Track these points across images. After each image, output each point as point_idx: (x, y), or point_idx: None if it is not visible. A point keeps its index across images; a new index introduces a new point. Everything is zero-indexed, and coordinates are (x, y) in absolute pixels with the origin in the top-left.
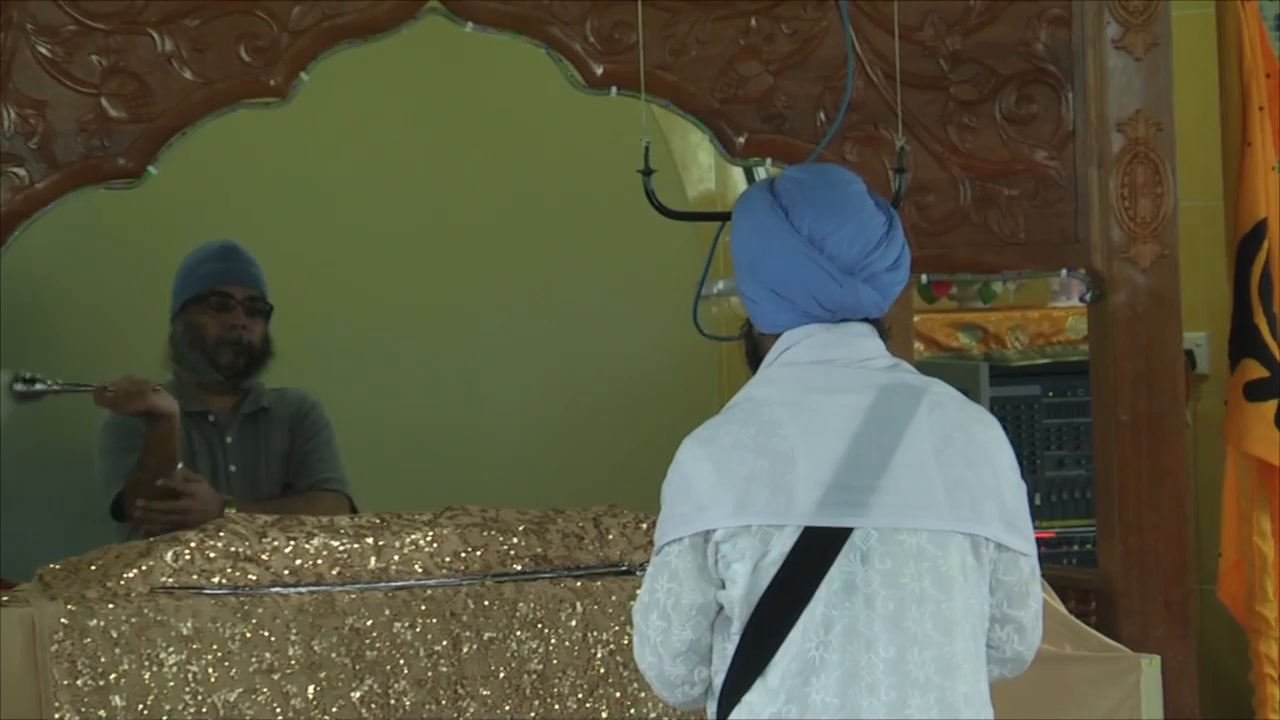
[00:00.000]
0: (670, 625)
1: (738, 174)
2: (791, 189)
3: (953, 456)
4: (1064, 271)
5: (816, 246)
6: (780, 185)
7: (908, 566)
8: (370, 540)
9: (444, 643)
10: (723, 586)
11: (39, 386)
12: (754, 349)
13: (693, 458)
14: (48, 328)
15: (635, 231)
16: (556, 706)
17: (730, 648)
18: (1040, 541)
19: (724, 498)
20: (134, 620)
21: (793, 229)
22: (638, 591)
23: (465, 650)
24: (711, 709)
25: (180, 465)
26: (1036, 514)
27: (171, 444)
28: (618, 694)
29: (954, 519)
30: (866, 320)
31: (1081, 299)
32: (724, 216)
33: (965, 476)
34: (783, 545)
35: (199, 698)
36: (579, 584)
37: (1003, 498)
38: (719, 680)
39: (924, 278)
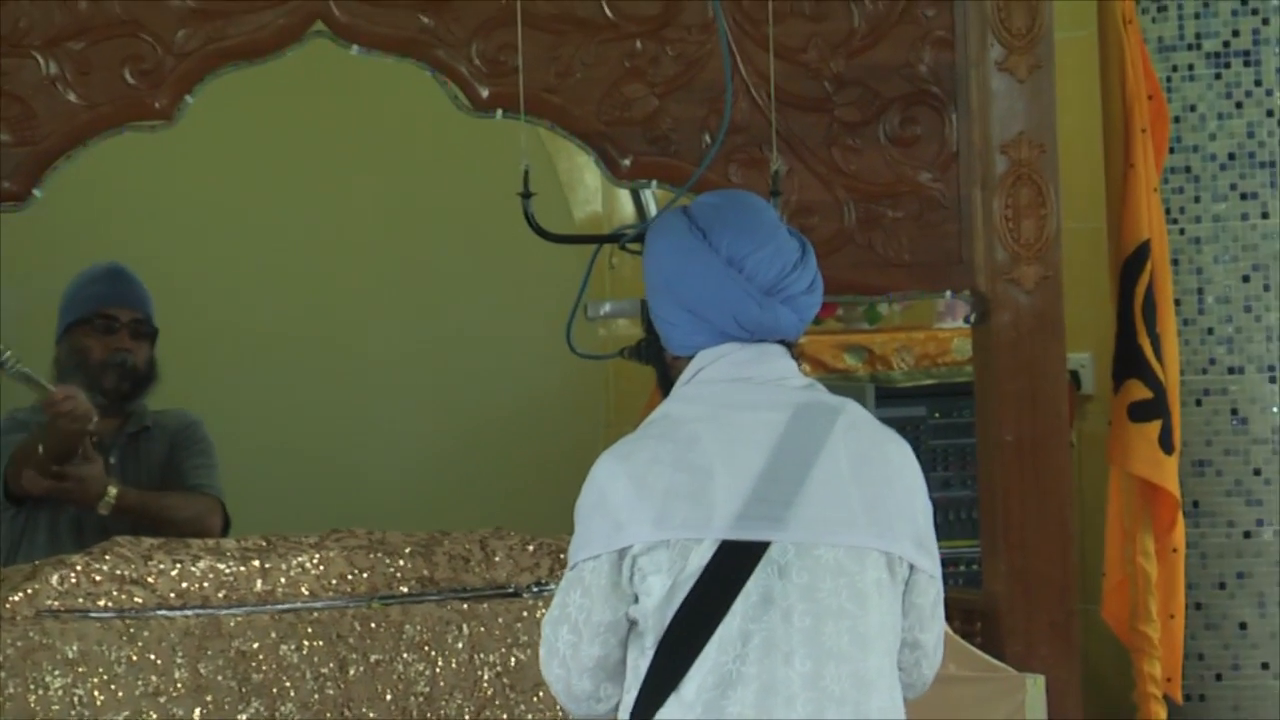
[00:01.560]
0: (580, 640)
1: (624, 196)
2: (708, 212)
3: (869, 474)
4: (949, 293)
5: (735, 266)
6: (696, 209)
7: (825, 581)
8: (256, 563)
9: (331, 665)
10: (635, 601)
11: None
12: (665, 372)
13: (609, 474)
14: None
15: (521, 254)
16: None
17: (644, 663)
18: None
19: (642, 513)
20: (19, 644)
21: (711, 249)
22: (523, 614)
23: (352, 672)
24: None
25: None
26: None
27: (80, 443)
28: (504, 716)
29: (871, 535)
30: (781, 342)
31: (966, 320)
32: (601, 239)
33: (881, 494)
34: (700, 559)
35: None
36: (466, 606)
37: (915, 518)
38: (630, 697)
39: None
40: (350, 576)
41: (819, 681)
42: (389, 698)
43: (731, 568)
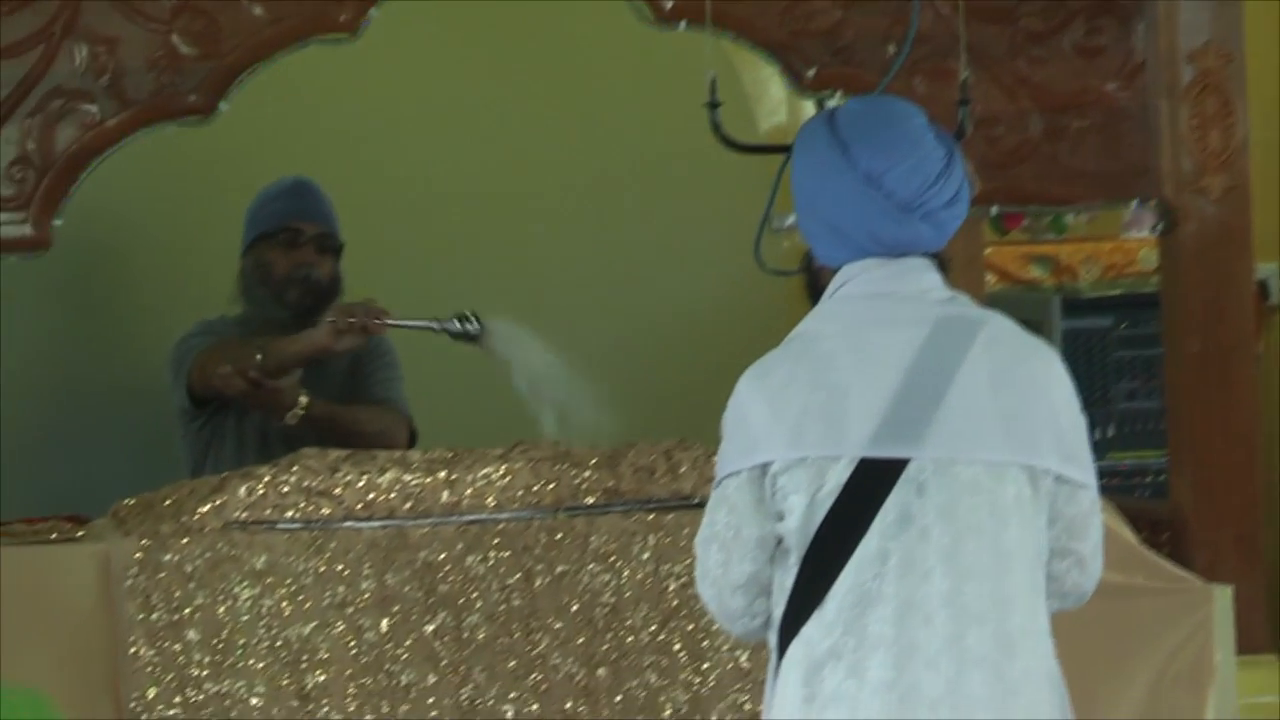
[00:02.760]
0: (729, 558)
1: (809, 107)
2: (851, 124)
3: (1009, 389)
4: (1134, 203)
5: (873, 183)
6: (840, 119)
7: (964, 498)
8: (442, 474)
9: (516, 576)
10: (780, 519)
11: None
12: (814, 281)
13: (749, 391)
14: (119, 266)
15: (707, 164)
16: (629, 639)
17: (789, 580)
18: (1113, 473)
19: (778, 431)
20: (208, 555)
21: (850, 165)
22: None
23: (538, 583)
24: (772, 641)
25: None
26: (1111, 445)
27: (299, 365)
28: (690, 626)
29: (1010, 451)
30: (928, 254)
31: (1152, 230)
32: (787, 149)
33: (1022, 409)
34: (838, 477)
35: (273, 632)
36: (651, 517)
37: (1061, 430)
38: (778, 613)
39: (995, 210)
40: (536, 488)
41: (958, 599)
42: (574, 609)
43: (869, 486)
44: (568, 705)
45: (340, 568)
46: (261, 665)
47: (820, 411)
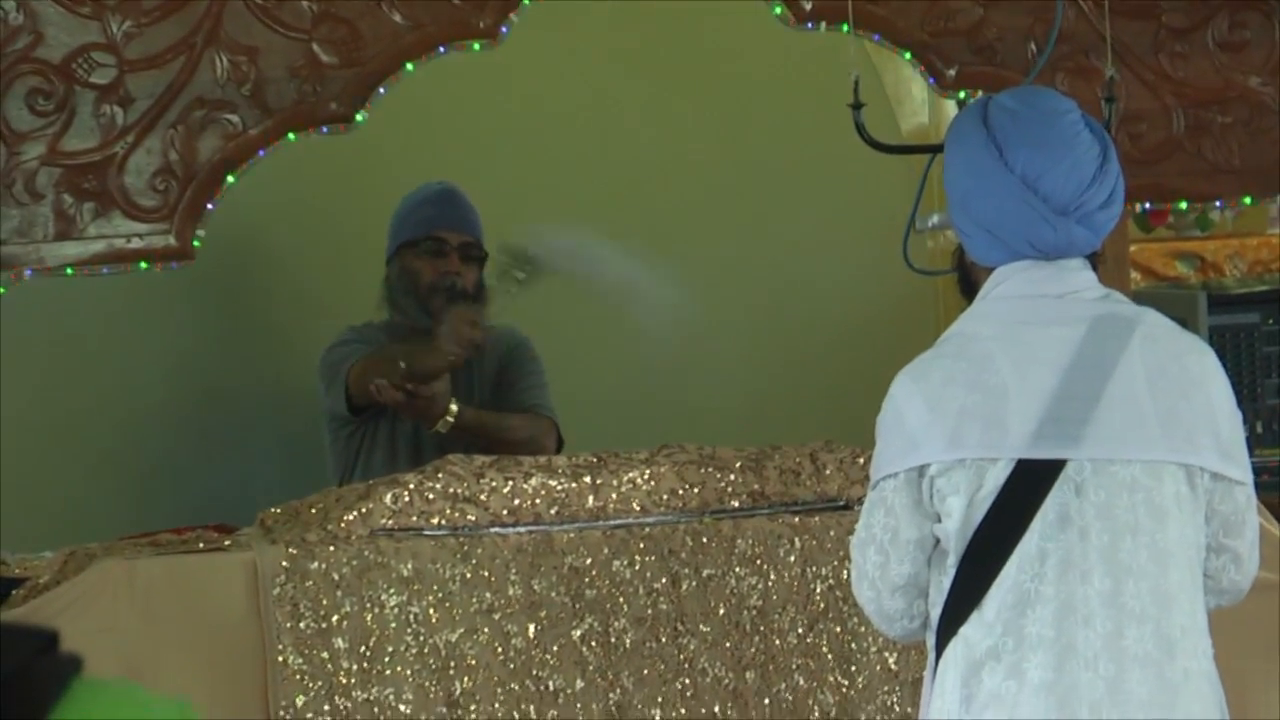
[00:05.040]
0: (888, 560)
1: (951, 107)
2: (1005, 122)
3: (1166, 387)
4: None
5: (1030, 187)
6: (994, 117)
7: (1121, 498)
8: (588, 479)
9: (663, 580)
10: (938, 520)
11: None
12: (968, 278)
13: (906, 393)
14: (265, 274)
15: (849, 165)
16: (777, 641)
17: (946, 581)
18: (1264, 470)
19: (937, 432)
20: (354, 563)
21: (1006, 168)
22: (855, 526)
23: (684, 587)
24: (930, 641)
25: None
26: (1259, 442)
27: (448, 368)
28: (838, 629)
29: (1168, 450)
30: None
31: None
32: (932, 149)
33: (1179, 407)
34: (997, 478)
35: (420, 639)
36: (797, 520)
37: (1218, 427)
38: (936, 614)
39: (1140, 207)
40: (681, 492)
41: (1118, 599)
42: (721, 612)
43: (1028, 487)
44: (716, 709)
45: (486, 574)
46: (409, 672)
47: (979, 412)
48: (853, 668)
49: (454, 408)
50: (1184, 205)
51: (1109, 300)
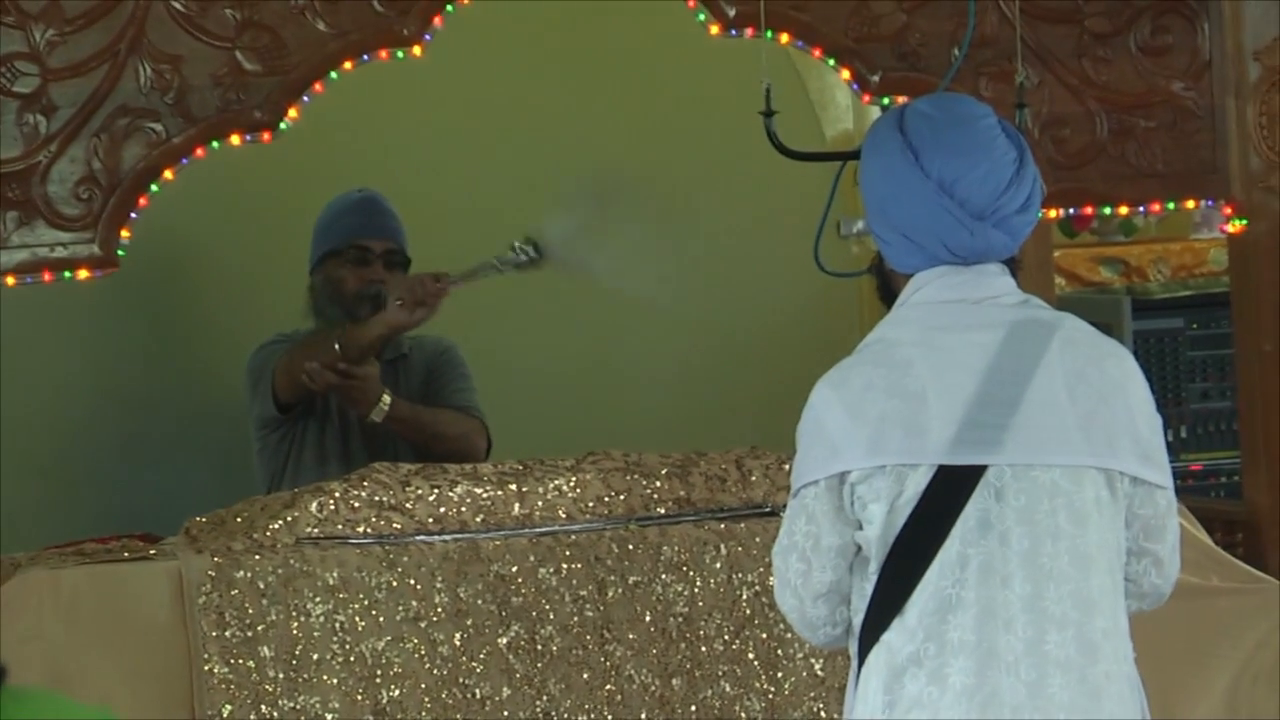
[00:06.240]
0: (810, 568)
1: (875, 113)
2: (921, 127)
3: (1086, 392)
4: (1204, 202)
5: (946, 192)
6: (910, 123)
7: (1042, 503)
8: (513, 487)
9: (589, 587)
10: (860, 527)
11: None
12: (887, 284)
13: (825, 400)
14: (190, 284)
15: (771, 170)
16: (703, 648)
17: (869, 587)
18: (1187, 474)
19: (857, 439)
20: (280, 571)
21: (923, 173)
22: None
23: (611, 594)
24: (853, 648)
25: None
26: (1182, 447)
27: (377, 348)
28: (764, 635)
29: (1088, 454)
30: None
31: (1222, 230)
32: (843, 156)
33: (1099, 411)
34: (917, 484)
35: (347, 647)
36: (723, 526)
37: (1137, 431)
38: (858, 620)
39: (1064, 212)
40: (607, 499)
41: (1039, 603)
42: (648, 619)
43: (948, 493)
44: (643, 716)
45: (413, 581)
46: (336, 680)
47: (899, 418)
48: (779, 674)
49: (387, 398)
50: (1107, 210)
51: (1028, 305)
